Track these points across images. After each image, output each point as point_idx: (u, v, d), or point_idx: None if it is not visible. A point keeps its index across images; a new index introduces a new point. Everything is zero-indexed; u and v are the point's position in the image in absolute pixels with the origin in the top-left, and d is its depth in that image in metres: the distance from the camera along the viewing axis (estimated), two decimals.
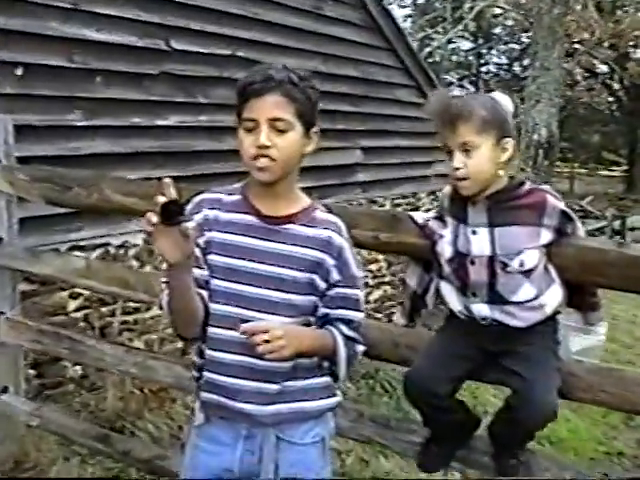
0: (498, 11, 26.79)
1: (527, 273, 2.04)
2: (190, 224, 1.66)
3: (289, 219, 1.89)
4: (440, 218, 2.23)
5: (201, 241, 1.88)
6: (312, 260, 1.88)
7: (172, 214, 1.59)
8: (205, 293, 1.88)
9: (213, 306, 1.89)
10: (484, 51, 32.98)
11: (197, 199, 1.96)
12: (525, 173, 13.02)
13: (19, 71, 4.18)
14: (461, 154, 2.01)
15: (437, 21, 24.27)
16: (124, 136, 4.85)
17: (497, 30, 31.63)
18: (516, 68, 32.32)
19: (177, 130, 5.23)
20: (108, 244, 4.85)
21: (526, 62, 29.87)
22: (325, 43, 6.87)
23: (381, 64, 7.78)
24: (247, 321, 1.79)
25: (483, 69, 33.76)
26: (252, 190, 1.91)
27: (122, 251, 4.96)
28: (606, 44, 23.99)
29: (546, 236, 2.06)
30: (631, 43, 25.37)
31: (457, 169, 2.02)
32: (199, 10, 5.36)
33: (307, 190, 1.96)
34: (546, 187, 2.12)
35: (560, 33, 13.89)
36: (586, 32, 21.34)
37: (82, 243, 4.63)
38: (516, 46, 31.48)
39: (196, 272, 1.84)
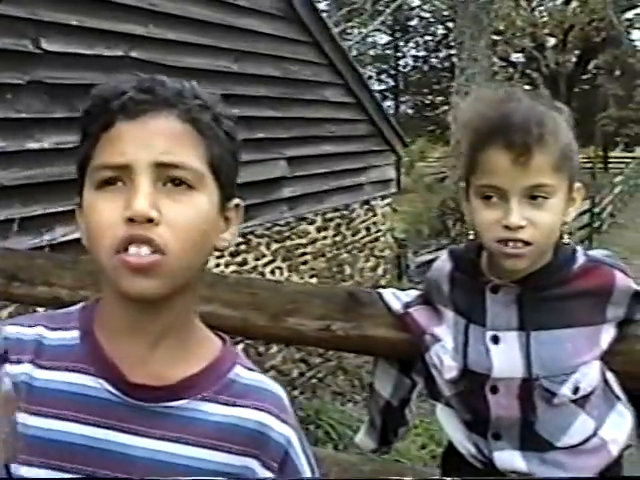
0: (417, 3, 27.21)
1: (583, 399, 1.46)
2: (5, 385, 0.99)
3: (182, 389, 1.01)
4: (429, 303, 1.63)
5: None
6: (222, 474, 1.00)
7: None
8: None
9: None
10: (401, 44, 33.17)
11: None
12: (457, 170, 12.94)
13: None
14: (526, 204, 1.36)
15: (353, 15, 24.27)
16: None
17: (414, 22, 31.85)
18: (433, 60, 32.66)
19: (55, 154, 4.35)
20: None
21: (442, 54, 30.28)
22: (237, 38, 6.24)
23: (304, 60, 7.21)
24: None
25: (401, 62, 33.90)
26: (106, 320, 1.04)
27: None
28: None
29: (608, 335, 1.48)
30: (546, 31, 26.19)
31: (519, 228, 1.35)
32: (78, 1, 4.54)
33: None
34: (606, 256, 1.51)
35: (486, 22, 13.81)
36: (504, 22, 21.80)
37: None
38: (432, 37, 31.83)
39: None
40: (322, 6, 30.38)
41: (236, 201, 1.06)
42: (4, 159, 4.00)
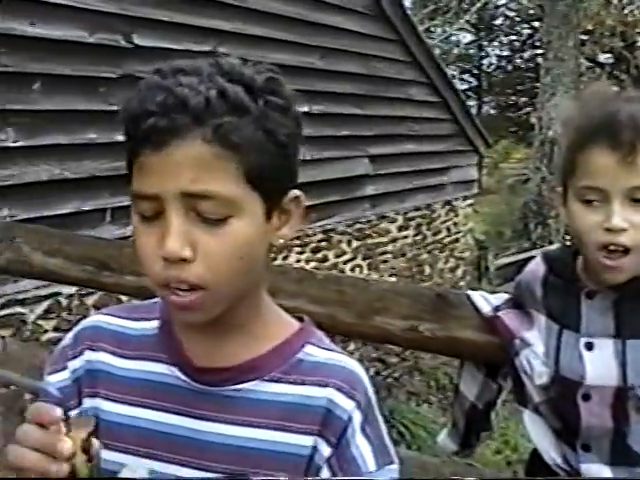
0: (502, 1, 26.69)
1: None
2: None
3: (248, 370, 1.00)
4: (520, 307, 1.56)
5: (72, 414, 1.02)
6: (294, 456, 0.98)
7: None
8: None
9: None
10: (485, 43, 32.62)
11: (75, 330, 1.11)
12: (540, 172, 12.72)
13: None
14: (628, 206, 1.30)
15: (437, 13, 24.00)
16: (75, 157, 4.05)
17: (498, 21, 31.28)
18: (518, 60, 32.02)
19: None
20: (58, 294, 3.98)
21: (527, 54, 29.65)
22: (323, 34, 6.19)
23: (390, 58, 7.13)
24: None
25: (485, 62, 33.34)
26: None
27: (77, 301, 4.09)
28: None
29: None
30: (637, 30, 25.39)
31: (621, 231, 1.30)
32: None
33: (305, 210, 1.06)
34: None
35: (575, 21, 13.48)
36: (593, 21, 21.26)
37: (22, 296, 3.79)
38: (517, 37, 31.19)
39: None
40: (407, 4, 30.32)
41: (294, 193, 0.98)
42: (95, 150, 4.10)
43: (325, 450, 0.98)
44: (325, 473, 0.99)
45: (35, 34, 3.76)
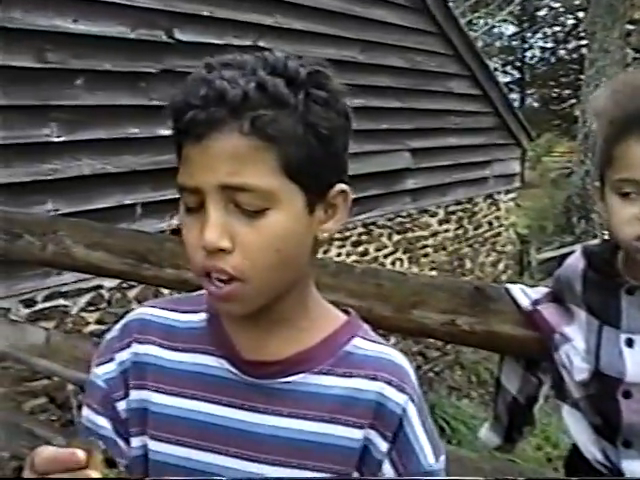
0: None
1: None
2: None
3: (296, 363, 1.00)
4: (560, 302, 1.53)
5: (121, 408, 1.05)
6: (344, 449, 0.99)
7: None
8: None
9: None
10: (528, 35, 32.22)
11: (122, 322, 1.11)
12: (585, 166, 12.57)
13: None
14: None
15: (479, 5, 23.75)
16: (116, 152, 4.07)
17: (542, 12, 30.84)
18: (562, 51, 31.57)
19: None
20: (100, 287, 4.02)
21: (571, 45, 29.22)
22: (364, 28, 6.13)
23: (430, 51, 7.05)
24: None
25: (528, 54, 32.92)
26: None
27: (119, 294, 4.13)
28: None
29: None
30: None
31: None
32: None
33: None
34: None
35: (621, 11, 13.16)
36: (639, 10, 20.83)
37: (65, 288, 3.83)
38: (560, 28, 30.72)
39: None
40: None
41: (340, 187, 0.97)
42: (136, 145, 4.13)
43: (382, 444, 0.99)
44: (387, 467, 1.00)
45: (78, 31, 3.79)
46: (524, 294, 1.65)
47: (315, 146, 0.91)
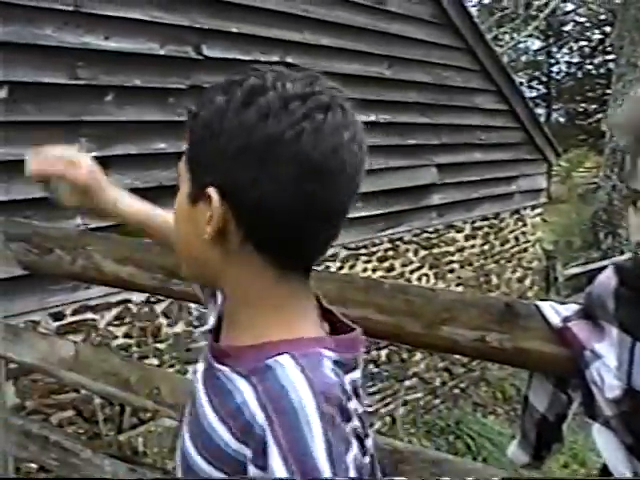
0: (571, 7, 26.16)
1: None
2: None
3: (225, 354, 1.00)
4: (591, 318, 1.49)
5: None
6: (226, 454, 0.94)
7: None
8: None
9: None
10: (554, 50, 32.10)
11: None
12: (611, 181, 12.46)
13: (3, 92, 3.42)
14: None
15: (505, 20, 23.69)
16: (145, 167, 4.10)
17: (568, 27, 30.73)
18: (588, 66, 31.41)
19: None
20: (128, 300, 4.04)
21: (598, 60, 29.05)
22: (390, 44, 6.14)
23: (456, 67, 7.05)
24: None
25: (554, 69, 32.79)
26: None
27: (147, 308, 4.14)
28: None
29: None
30: None
31: None
32: (236, 8, 4.62)
33: (372, 219, 1.00)
34: None
35: None
36: None
37: (93, 302, 3.85)
38: (587, 43, 30.58)
39: None
40: (474, 12, 30.05)
41: (210, 191, 0.93)
42: (164, 160, 4.13)
43: (250, 466, 0.89)
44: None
45: (109, 47, 3.83)
46: (554, 311, 1.63)
47: (199, 138, 0.96)
